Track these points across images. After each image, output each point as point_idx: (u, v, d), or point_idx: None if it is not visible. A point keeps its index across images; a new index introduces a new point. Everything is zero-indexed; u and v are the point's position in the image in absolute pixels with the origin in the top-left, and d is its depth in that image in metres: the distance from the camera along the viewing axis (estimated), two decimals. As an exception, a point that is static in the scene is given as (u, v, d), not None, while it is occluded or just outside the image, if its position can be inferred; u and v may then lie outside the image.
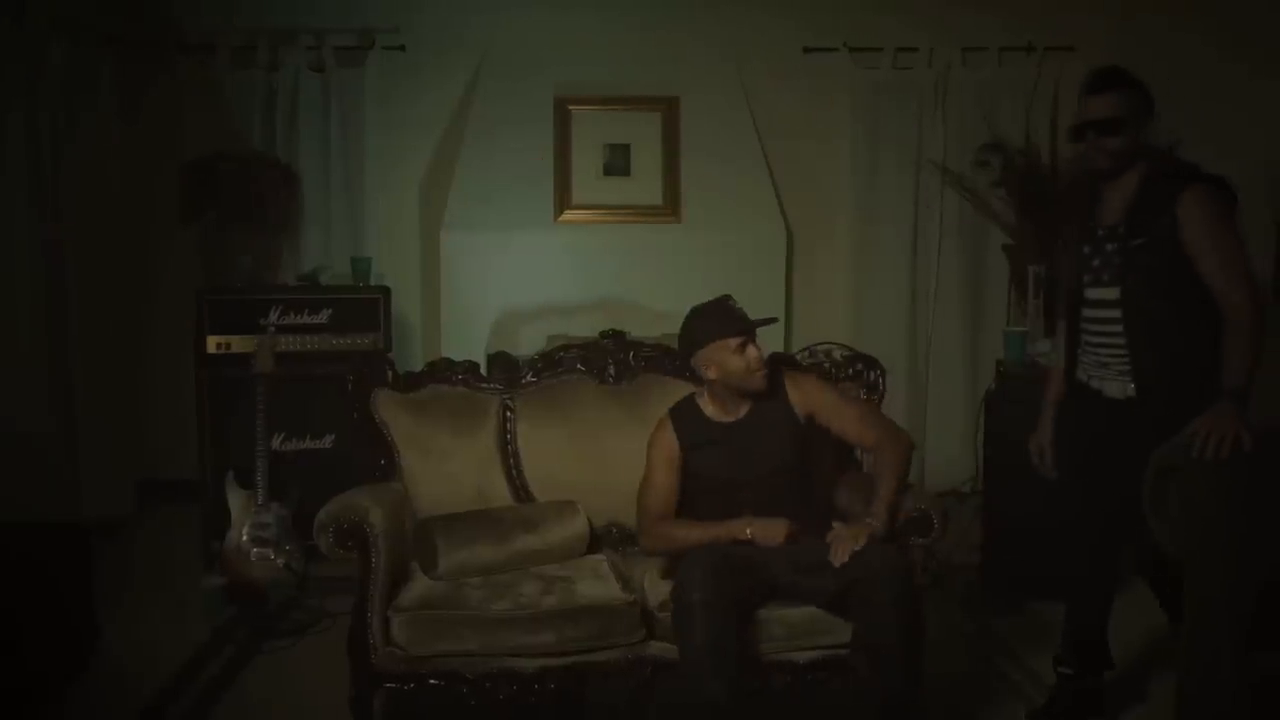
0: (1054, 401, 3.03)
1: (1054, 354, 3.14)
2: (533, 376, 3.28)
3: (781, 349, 4.28)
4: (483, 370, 3.28)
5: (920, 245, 5.17)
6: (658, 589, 2.75)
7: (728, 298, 2.90)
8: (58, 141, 4.41)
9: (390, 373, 3.22)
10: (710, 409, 2.94)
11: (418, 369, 3.32)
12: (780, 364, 3.05)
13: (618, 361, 3.30)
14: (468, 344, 4.58)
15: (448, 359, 3.35)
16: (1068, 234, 2.94)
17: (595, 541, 3.10)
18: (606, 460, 3.15)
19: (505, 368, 3.29)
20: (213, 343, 4.13)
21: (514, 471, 3.18)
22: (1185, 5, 4.55)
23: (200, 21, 4.89)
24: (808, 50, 5.08)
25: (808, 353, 4.01)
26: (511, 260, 4.91)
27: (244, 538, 3.69)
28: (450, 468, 3.14)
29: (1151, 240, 2.69)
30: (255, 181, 4.57)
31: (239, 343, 4.10)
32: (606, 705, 2.78)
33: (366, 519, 2.74)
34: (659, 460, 2.92)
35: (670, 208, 4.99)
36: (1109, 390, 2.82)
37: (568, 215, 4.97)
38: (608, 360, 3.30)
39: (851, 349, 3.55)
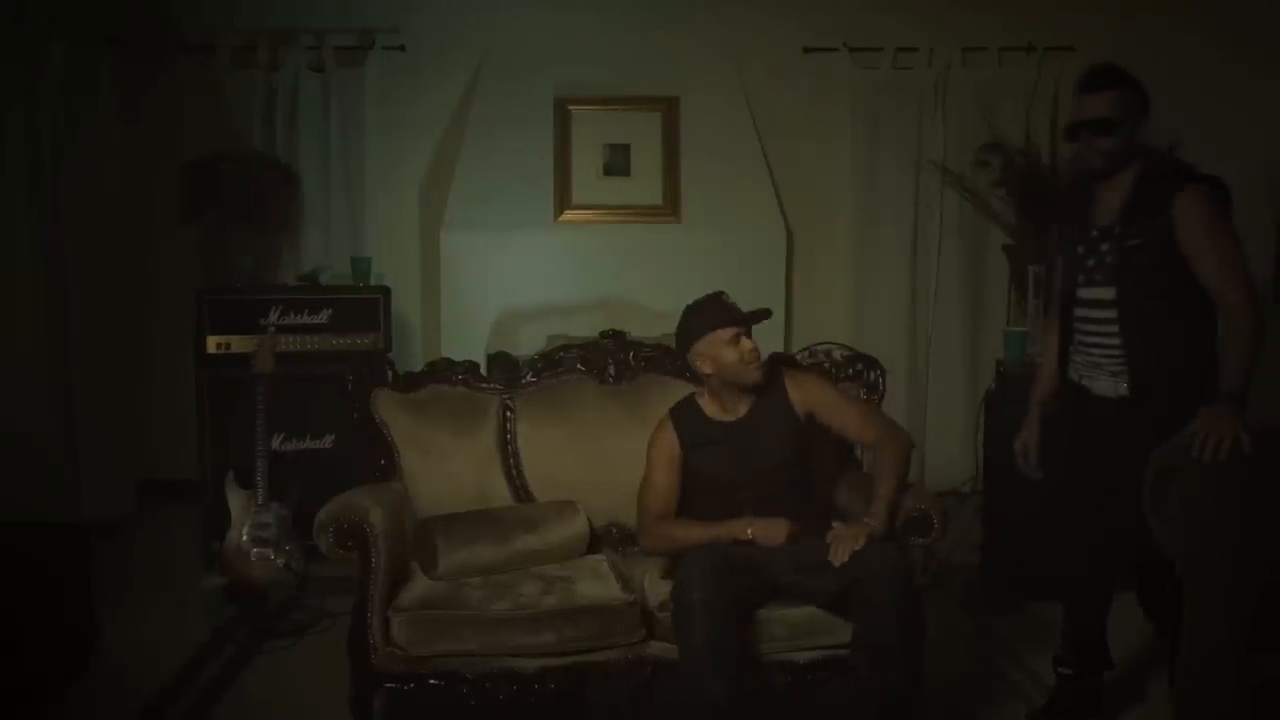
0: (1040, 401, 3.01)
1: (1043, 353, 3.12)
2: (533, 376, 3.28)
3: (781, 349, 4.29)
4: (483, 370, 3.28)
5: (920, 245, 5.17)
6: (658, 589, 2.75)
7: (721, 293, 2.90)
8: (58, 141, 4.41)
9: (390, 373, 3.22)
10: (710, 408, 2.94)
11: (418, 369, 3.32)
12: (780, 363, 3.05)
13: (618, 361, 3.30)
14: (468, 344, 4.58)
15: (448, 359, 3.36)
16: (1063, 233, 2.93)
17: (595, 541, 3.10)
18: (606, 460, 3.15)
19: (505, 368, 3.29)
20: (213, 343, 4.14)
21: (514, 471, 3.18)
22: (1185, 5, 4.55)
23: (200, 21, 4.89)
24: (808, 50, 5.08)
25: (808, 353, 4.01)
26: (511, 260, 4.91)
27: (244, 538, 3.69)
28: (450, 468, 3.14)
29: (1147, 241, 2.67)
30: (255, 181, 4.57)
31: (239, 343, 4.10)
32: (606, 705, 2.78)
33: (366, 519, 2.74)
34: (659, 460, 2.93)
35: (670, 208, 4.99)
36: (1101, 389, 2.80)
37: (568, 215, 4.97)
38: (608, 360, 3.30)
39: (851, 349, 3.55)
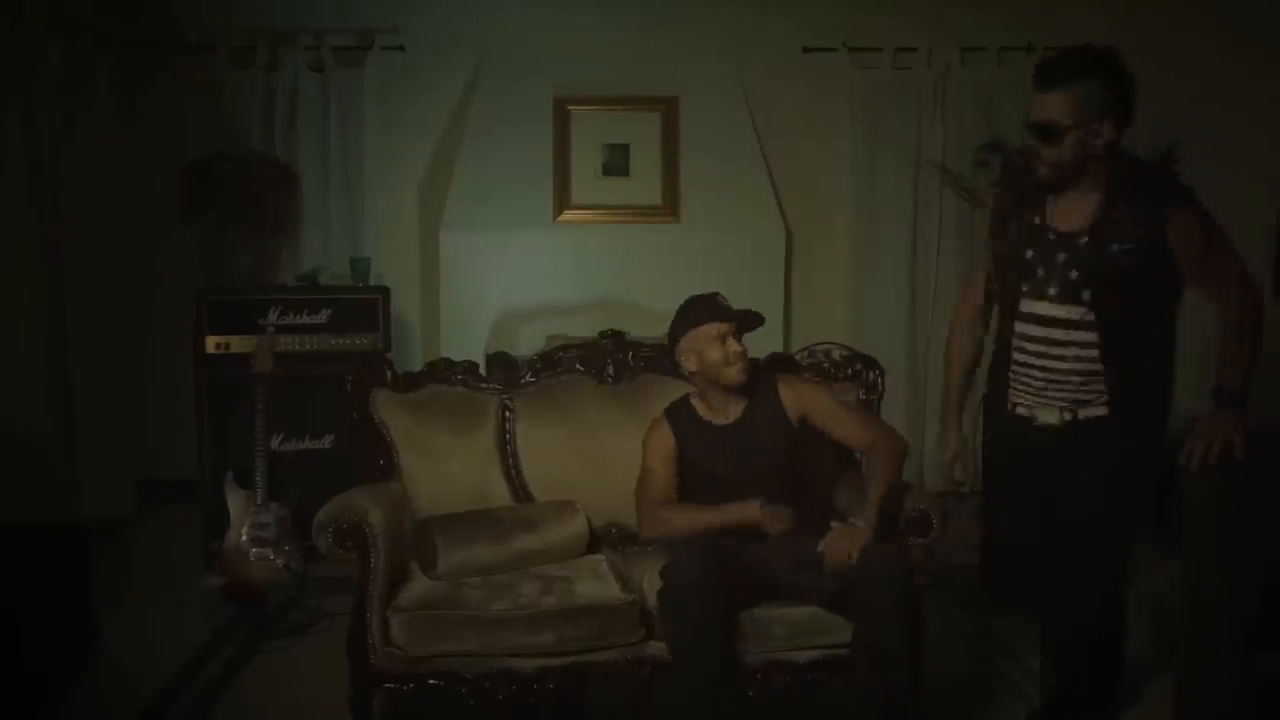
0: (957, 407, 2.96)
1: (949, 367, 3.01)
2: (532, 376, 3.28)
3: (780, 349, 4.28)
4: (482, 370, 3.28)
5: (919, 245, 5.17)
6: (657, 588, 2.75)
7: (716, 294, 2.91)
8: (56, 142, 4.41)
9: (389, 373, 3.22)
10: (703, 409, 2.94)
11: (417, 369, 3.32)
12: (775, 366, 3.05)
13: (617, 361, 3.30)
14: (467, 344, 4.58)
15: (447, 359, 3.36)
16: (995, 234, 2.70)
17: (594, 541, 3.10)
18: (606, 460, 3.14)
19: (504, 368, 3.29)
20: (212, 343, 4.13)
21: (513, 471, 3.18)
22: (1185, 5, 4.56)
23: (199, 21, 4.88)
24: (807, 50, 5.07)
25: (807, 353, 4.01)
26: (511, 260, 4.90)
27: (243, 538, 3.68)
28: (449, 468, 3.13)
29: (1128, 251, 2.47)
30: (254, 181, 4.57)
31: (238, 343, 4.09)
32: (606, 705, 2.78)
33: (365, 519, 2.74)
34: (655, 456, 2.93)
35: (669, 208, 4.98)
36: (1043, 417, 2.65)
37: (567, 215, 4.96)
38: (607, 360, 3.30)
39: (850, 349, 3.55)
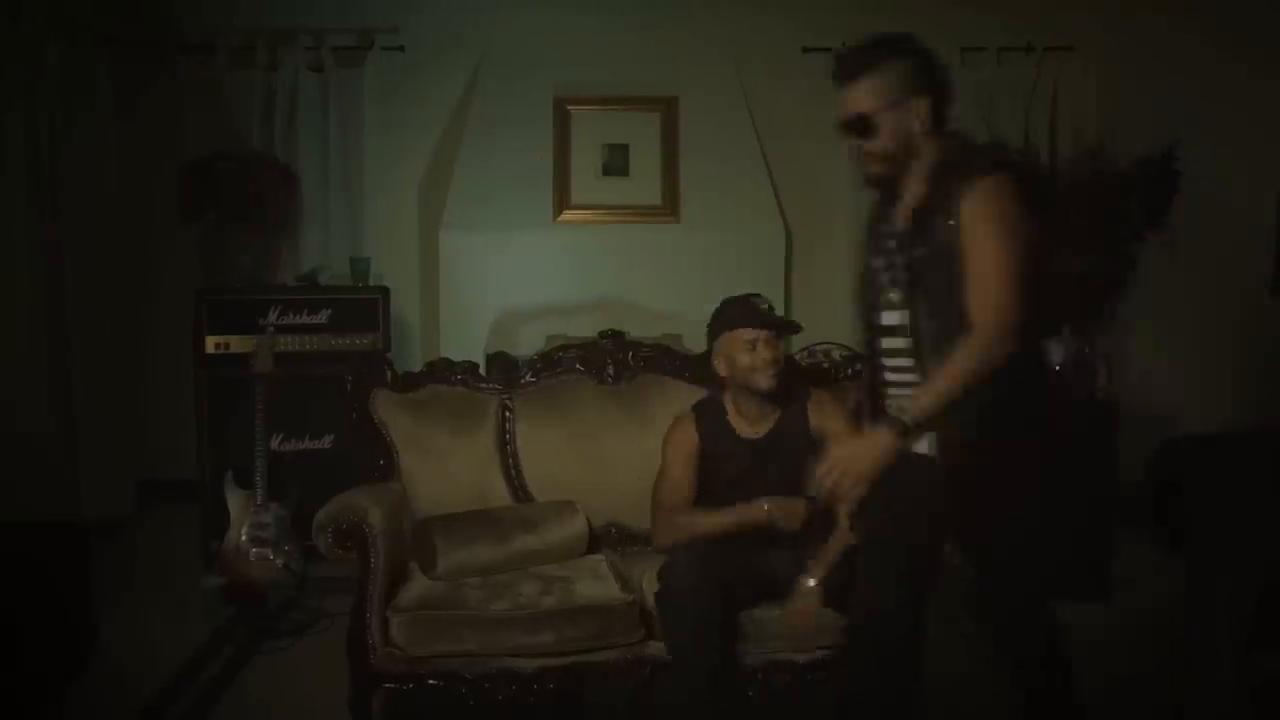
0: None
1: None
2: (532, 376, 3.28)
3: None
4: (482, 370, 3.28)
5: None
6: (655, 590, 2.75)
7: (756, 295, 2.84)
8: (56, 142, 4.41)
9: (389, 373, 3.22)
10: (733, 414, 2.88)
11: (417, 369, 3.32)
12: (809, 382, 2.99)
13: (617, 361, 3.30)
14: (467, 344, 4.58)
15: (446, 359, 3.35)
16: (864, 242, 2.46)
17: (594, 541, 3.10)
18: (605, 460, 3.14)
19: (504, 368, 3.28)
20: (212, 343, 4.13)
21: (513, 471, 3.18)
22: (1185, 5, 4.55)
23: (199, 21, 4.89)
24: (806, 50, 5.06)
25: (807, 353, 4.02)
26: (510, 260, 4.90)
27: (243, 538, 3.68)
28: (449, 468, 3.13)
29: (932, 249, 2.17)
30: (254, 181, 4.56)
31: (238, 343, 4.09)
32: (606, 705, 2.78)
33: (365, 519, 2.74)
34: (677, 455, 2.88)
35: (669, 208, 4.98)
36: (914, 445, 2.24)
37: (567, 215, 4.96)
38: (607, 360, 3.30)
39: (851, 349, 3.55)
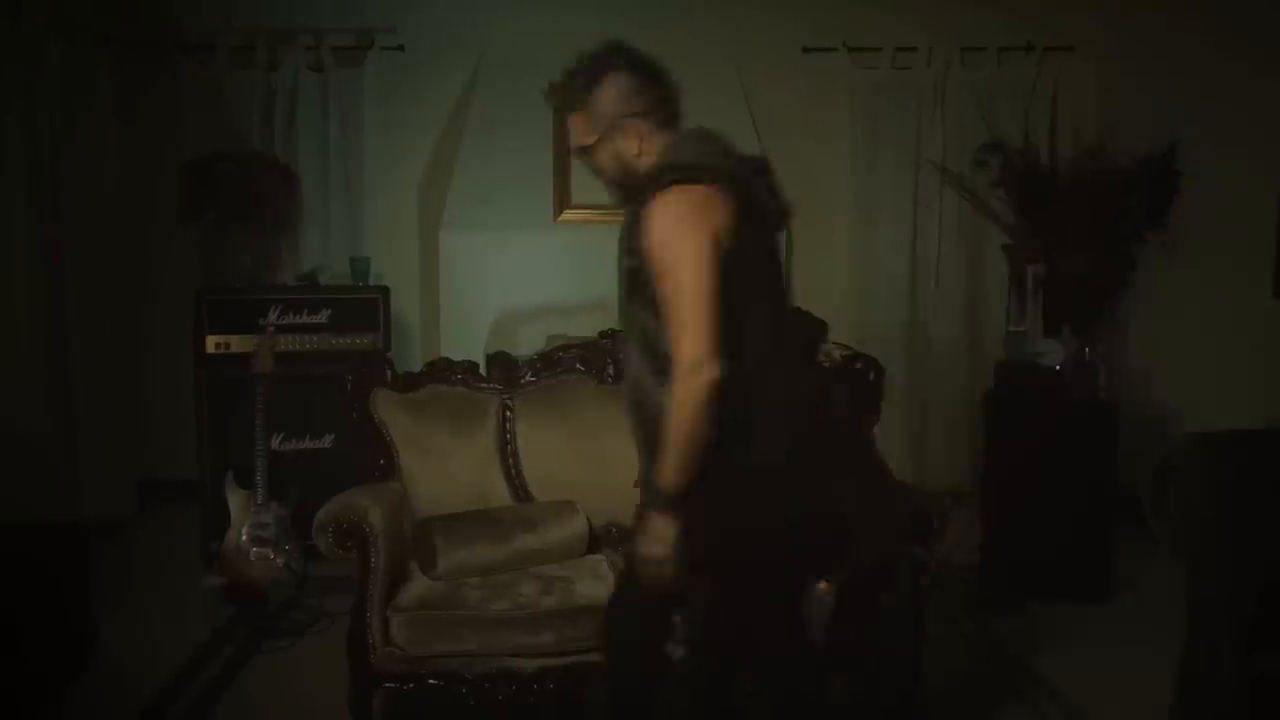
0: None
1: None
2: (532, 376, 3.28)
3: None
4: (482, 370, 3.28)
5: (919, 245, 5.16)
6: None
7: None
8: (56, 142, 4.41)
9: (389, 373, 3.22)
10: None
11: (417, 369, 3.32)
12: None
13: (617, 361, 3.30)
14: (467, 344, 4.57)
15: (447, 359, 3.35)
16: None
17: (594, 541, 3.10)
18: (605, 460, 3.13)
19: (504, 368, 3.29)
20: (212, 343, 4.13)
21: (513, 471, 3.18)
22: (1185, 5, 4.55)
23: (199, 21, 4.89)
24: (807, 50, 5.07)
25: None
26: (511, 260, 4.90)
27: (243, 537, 3.68)
28: (449, 468, 3.13)
29: (627, 266, 2.00)
30: (254, 181, 4.57)
31: (238, 342, 4.09)
32: (605, 705, 2.78)
33: (365, 519, 2.74)
34: None
35: (670, 207, 4.97)
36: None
37: (567, 215, 4.96)
38: (607, 360, 3.30)
39: (851, 348, 3.54)
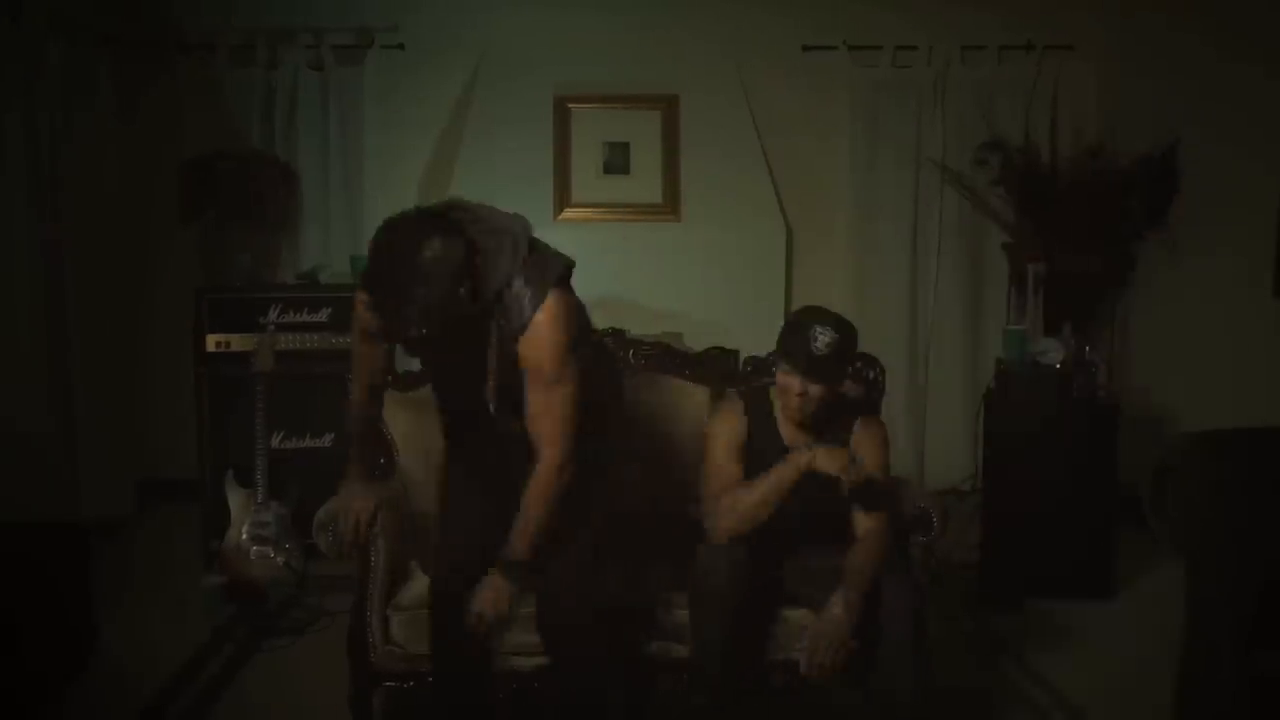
0: None
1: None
2: (532, 375, 3.27)
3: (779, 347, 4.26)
4: (482, 369, 3.27)
5: (919, 243, 5.16)
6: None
7: (823, 321, 2.67)
8: (56, 141, 4.40)
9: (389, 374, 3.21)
10: (780, 414, 2.79)
11: (416, 368, 3.31)
12: (863, 412, 2.91)
13: (617, 360, 3.29)
14: (467, 343, 4.57)
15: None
16: None
17: (595, 540, 3.09)
18: (606, 459, 3.14)
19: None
20: (212, 341, 4.13)
21: (513, 470, 3.17)
22: (1185, 4, 4.55)
23: (199, 21, 4.88)
24: (807, 49, 5.07)
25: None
26: (510, 259, 4.89)
27: (243, 536, 3.68)
28: (450, 467, 3.13)
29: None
30: (254, 180, 4.56)
31: (238, 341, 4.09)
32: (606, 705, 2.77)
33: (366, 518, 2.73)
34: (725, 447, 2.77)
35: (670, 206, 4.98)
36: None
37: (567, 214, 4.96)
38: (607, 359, 3.29)
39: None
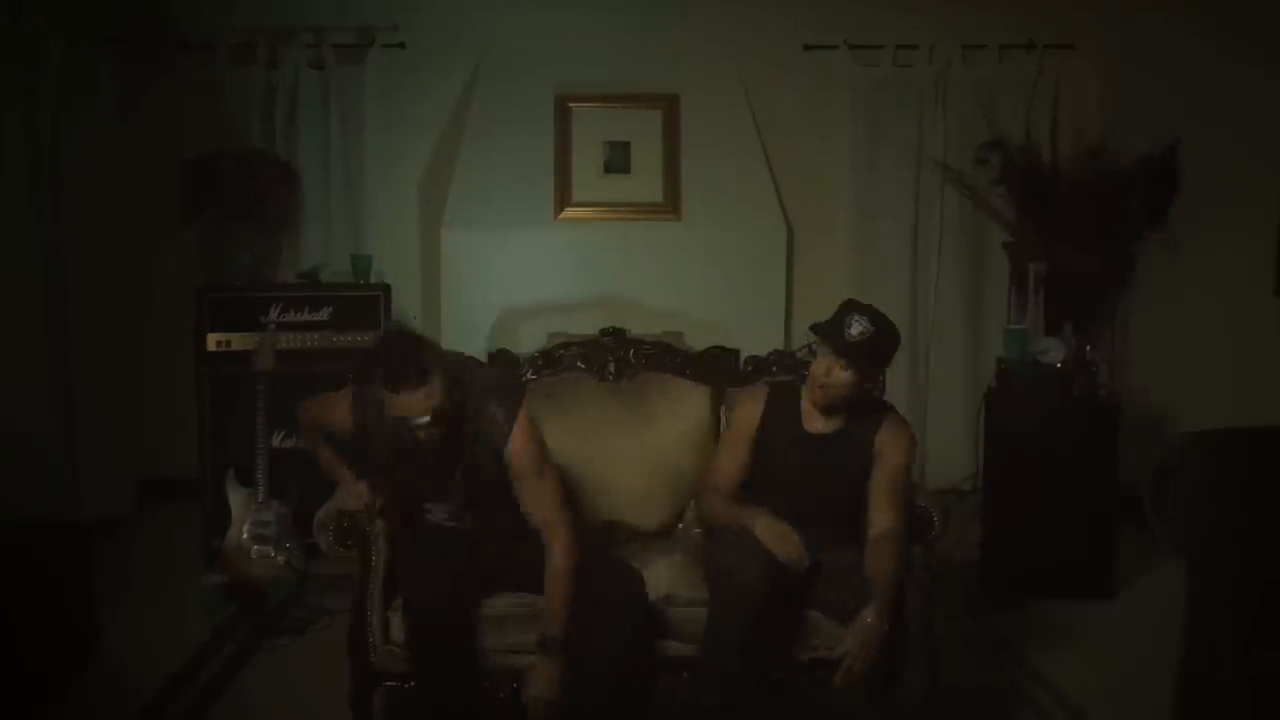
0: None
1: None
2: (533, 374, 3.28)
3: (781, 346, 4.27)
4: (483, 368, 3.28)
5: (920, 242, 5.16)
6: (659, 585, 2.75)
7: (862, 311, 2.72)
8: (57, 141, 4.40)
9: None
10: (806, 406, 2.84)
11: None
12: (890, 408, 2.94)
13: (618, 359, 3.30)
14: (468, 342, 4.56)
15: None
16: None
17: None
18: (607, 458, 3.14)
19: (505, 365, 3.28)
20: (213, 340, 4.13)
21: (514, 469, 3.17)
22: (1185, 4, 4.54)
23: (199, 20, 4.88)
24: (808, 48, 5.07)
25: (808, 349, 4.01)
26: (512, 258, 4.90)
27: (244, 536, 3.68)
28: (450, 466, 3.12)
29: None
30: (255, 179, 4.56)
31: (239, 340, 4.09)
32: (606, 705, 2.77)
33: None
34: (730, 440, 2.86)
35: (670, 205, 4.98)
36: None
37: (568, 213, 4.96)
38: (608, 358, 3.30)
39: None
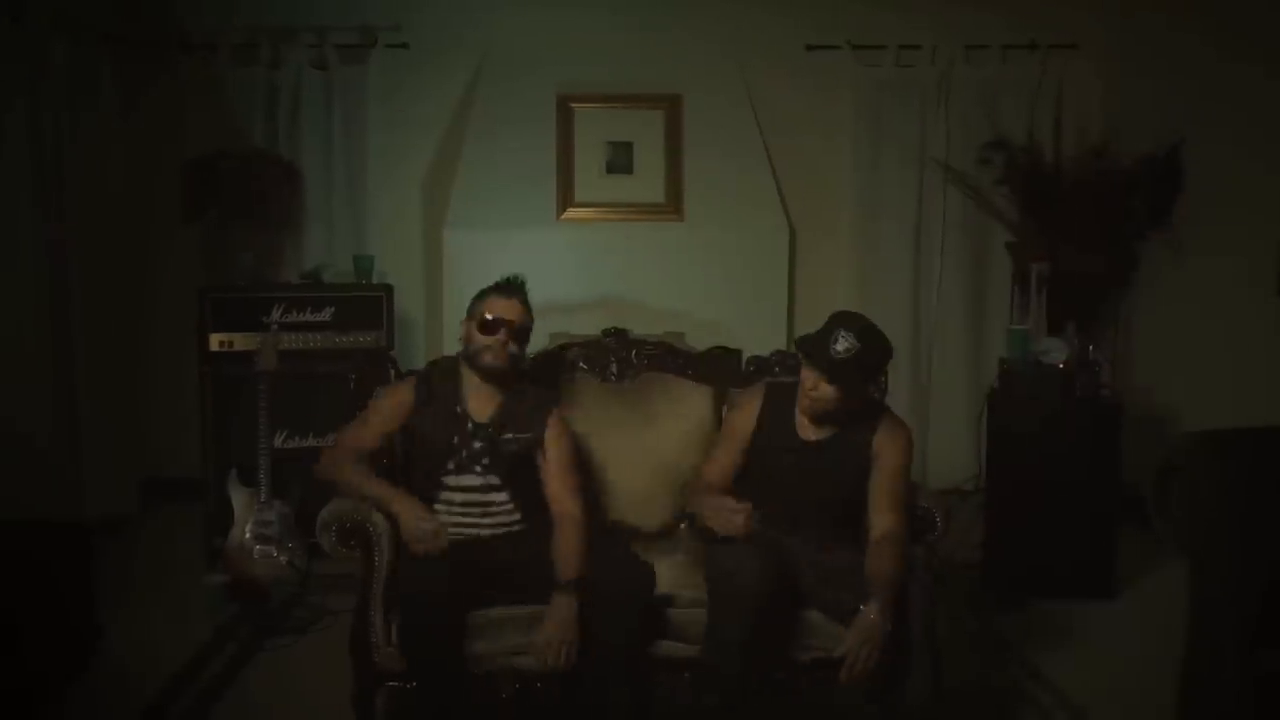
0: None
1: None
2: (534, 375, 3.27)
3: (784, 347, 4.27)
4: (485, 368, 3.27)
5: (923, 243, 5.16)
6: (661, 586, 2.75)
7: (849, 322, 2.74)
8: (60, 141, 4.41)
9: (393, 371, 3.22)
10: (799, 412, 2.85)
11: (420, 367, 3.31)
12: (886, 409, 2.94)
13: (620, 360, 3.30)
14: (470, 342, 4.57)
15: (450, 357, 3.34)
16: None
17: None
18: (609, 458, 3.14)
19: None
20: (215, 341, 4.13)
21: (516, 470, 3.17)
22: (1185, 4, 4.54)
23: (202, 20, 4.89)
24: (810, 48, 5.07)
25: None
26: (514, 258, 4.82)
27: (247, 536, 3.68)
28: (452, 466, 3.12)
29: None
30: (257, 179, 4.57)
31: (241, 340, 4.09)
32: (607, 705, 2.77)
33: (369, 518, 2.73)
34: (726, 437, 2.91)
35: (673, 205, 4.98)
36: None
37: (570, 213, 4.96)
38: (610, 358, 3.30)
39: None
